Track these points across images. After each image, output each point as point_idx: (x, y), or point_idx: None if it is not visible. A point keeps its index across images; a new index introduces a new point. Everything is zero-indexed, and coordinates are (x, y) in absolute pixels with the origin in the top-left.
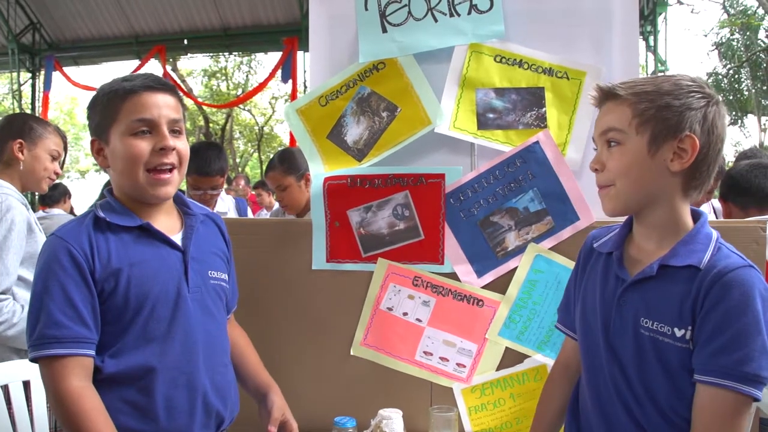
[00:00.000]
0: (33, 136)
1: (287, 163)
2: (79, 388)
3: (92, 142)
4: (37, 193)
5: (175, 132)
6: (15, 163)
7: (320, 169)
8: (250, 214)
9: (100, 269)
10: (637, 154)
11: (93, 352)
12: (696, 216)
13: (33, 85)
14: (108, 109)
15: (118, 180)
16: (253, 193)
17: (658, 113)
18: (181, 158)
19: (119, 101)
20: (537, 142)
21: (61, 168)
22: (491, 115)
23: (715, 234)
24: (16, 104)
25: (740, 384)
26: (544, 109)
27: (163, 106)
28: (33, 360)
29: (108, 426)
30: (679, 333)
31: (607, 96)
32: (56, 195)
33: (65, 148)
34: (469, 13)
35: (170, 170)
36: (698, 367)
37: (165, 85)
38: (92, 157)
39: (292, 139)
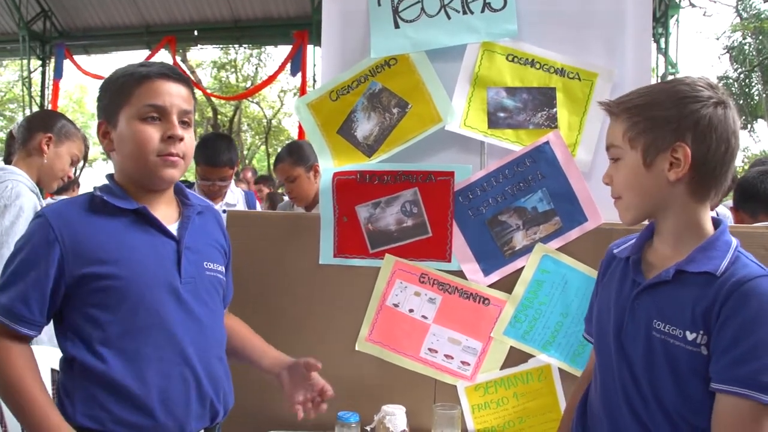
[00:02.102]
0: (62, 136)
1: (296, 155)
2: (14, 346)
3: (99, 125)
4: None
5: (184, 123)
6: (37, 155)
7: (330, 164)
8: (258, 208)
9: (84, 252)
10: (634, 168)
11: (25, 331)
12: (716, 223)
13: (43, 73)
14: (120, 91)
15: (123, 164)
16: (254, 187)
17: (648, 126)
18: (186, 150)
19: (133, 85)
20: (547, 143)
21: (77, 174)
22: (502, 114)
23: (734, 242)
24: (25, 91)
25: (760, 393)
26: (554, 110)
27: (175, 95)
28: None
29: (41, 388)
30: (690, 336)
31: (606, 112)
32: (65, 183)
33: (85, 157)
34: (483, 11)
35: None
36: (716, 376)
37: (180, 76)
38: (98, 141)
39: (300, 133)
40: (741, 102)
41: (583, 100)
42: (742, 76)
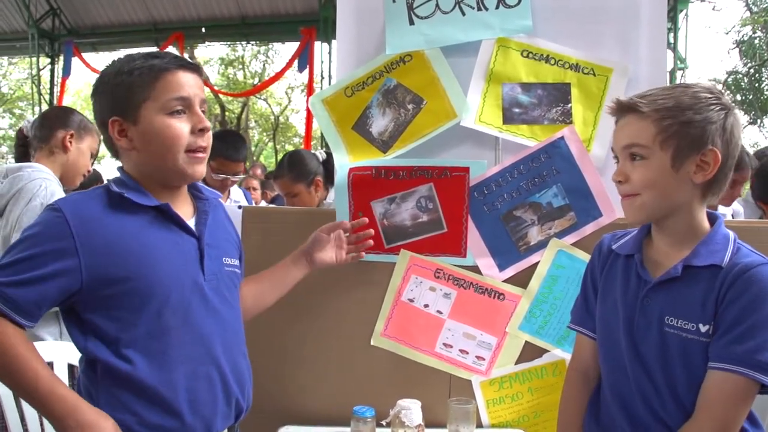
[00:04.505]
0: (81, 131)
1: (296, 170)
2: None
3: (112, 122)
4: None
5: (203, 113)
6: (59, 152)
7: (345, 160)
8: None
9: (102, 251)
10: (662, 169)
11: (25, 323)
12: (712, 218)
13: (52, 71)
14: (139, 85)
15: (146, 161)
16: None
17: (681, 129)
18: (209, 142)
19: (152, 78)
20: (562, 138)
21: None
22: (517, 110)
23: (732, 234)
24: (35, 89)
25: (751, 370)
26: (569, 105)
27: (194, 85)
28: None
29: (39, 358)
30: (703, 329)
31: (627, 109)
32: (87, 182)
33: (96, 151)
34: (497, 7)
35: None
36: (713, 355)
37: (193, 65)
38: (112, 139)
39: (308, 130)
40: (751, 97)
41: (597, 95)
42: (752, 70)
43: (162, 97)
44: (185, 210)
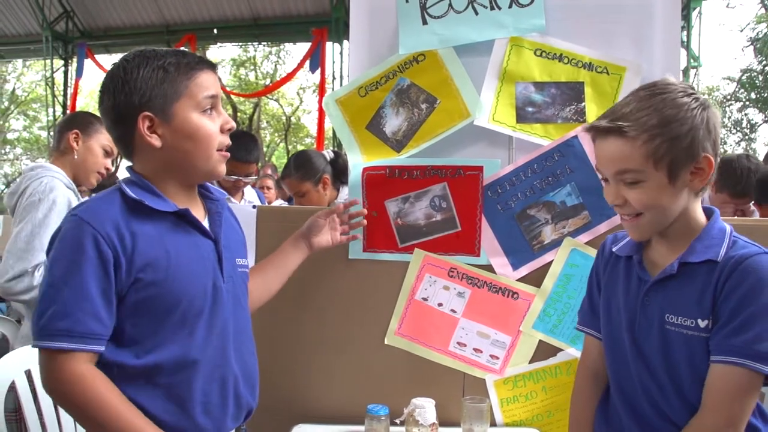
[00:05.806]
0: (89, 129)
1: (303, 169)
2: (88, 370)
3: (143, 118)
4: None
5: None
6: (69, 153)
7: (359, 159)
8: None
9: (132, 257)
10: (660, 188)
11: (102, 348)
12: (708, 213)
13: (65, 72)
14: (174, 81)
15: (172, 159)
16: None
17: (671, 145)
18: (229, 140)
19: (185, 77)
20: (575, 137)
21: (115, 167)
22: (530, 109)
23: (728, 228)
24: (48, 91)
25: (751, 361)
26: (583, 104)
27: (218, 85)
28: (36, 347)
29: (128, 405)
30: (702, 324)
31: (609, 132)
32: (108, 184)
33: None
34: (510, 6)
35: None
36: (713, 348)
37: (215, 66)
38: (134, 136)
39: (320, 130)
40: (765, 95)
41: (611, 94)
42: (766, 68)
43: (197, 95)
44: (197, 211)
